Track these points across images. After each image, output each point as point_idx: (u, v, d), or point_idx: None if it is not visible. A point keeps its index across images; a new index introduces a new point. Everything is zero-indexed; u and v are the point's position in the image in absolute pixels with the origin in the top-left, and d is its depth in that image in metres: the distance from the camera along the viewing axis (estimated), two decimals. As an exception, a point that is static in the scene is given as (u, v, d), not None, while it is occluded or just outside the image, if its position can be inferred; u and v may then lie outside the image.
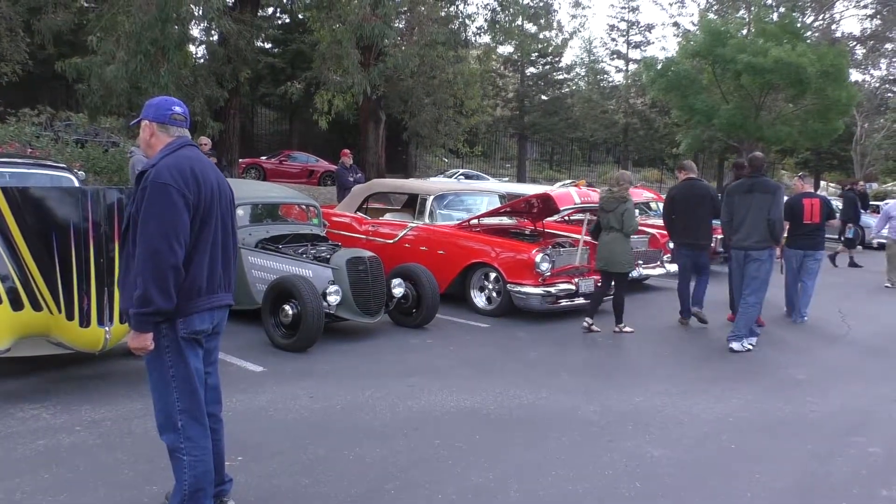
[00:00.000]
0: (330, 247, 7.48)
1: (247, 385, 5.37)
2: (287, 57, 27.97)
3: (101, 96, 12.49)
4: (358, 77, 13.83)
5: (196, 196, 2.95)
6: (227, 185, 3.23)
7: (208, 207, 3.02)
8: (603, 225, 7.70)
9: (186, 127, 3.18)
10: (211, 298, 3.06)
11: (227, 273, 3.18)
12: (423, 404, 5.13)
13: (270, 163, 23.22)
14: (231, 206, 3.23)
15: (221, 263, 3.12)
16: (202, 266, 3.01)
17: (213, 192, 3.05)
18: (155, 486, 3.65)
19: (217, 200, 3.08)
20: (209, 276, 3.05)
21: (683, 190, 8.31)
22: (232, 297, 3.27)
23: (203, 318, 3.05)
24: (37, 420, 4.46)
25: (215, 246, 3.07)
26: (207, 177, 3.04)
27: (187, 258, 2.94)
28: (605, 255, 7.63)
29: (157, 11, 11.03)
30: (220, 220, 3.10)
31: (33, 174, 6.44)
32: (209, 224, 3.03)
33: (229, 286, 3.21)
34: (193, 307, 2.99)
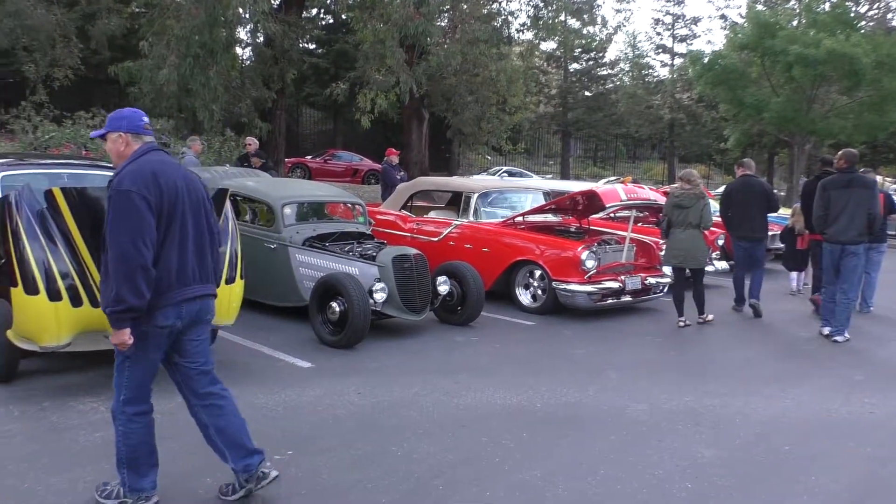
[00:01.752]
0: (376, 245, 7.53)
1: (295, 381, 5.45)
2: (331, 57, 28.28)
3: (151, 99, 12.83)
4: (402, 76, 13.89)
5: (158, 197, 3.12)
6: (197, 184, 3.40)
7: (172, 207, 3.18)
8: (678, 221, 7.76)
9: (153, 135, 3.44)
10: (182, 291, 3.23)
11: (204, 265, 3.37)
12: (469, 402, 5.14)
13: (315, 162, 23.51)
14: (204, 203, 3.41)
15: (196, 257, 3.30)
16: (170, 263, 3.19)
17: (177, 192, 3.21)
18: (209, 477, 3.73)
19: (184, 198, 3.24)
20: (179, 271, 3.22)
21: (740, 185, 8.68)
22: (211, 288, 3.46)
23: (167, 315, 3.20)
24: (95, 413, 4.60)
25: (184, 241, 3.24)
26: (170, 178, 3.20)
27: (155, 257, 3.11)
28: (682, 251, 7.72)
29: (205, 15, 11.27)
30: (190, 216, 3.27)
31: (89, 175, 6.62)
32: (175, 222, 3.19)
33: (207, 278, 3.40)
34: (162, 301, 3.17)
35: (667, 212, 7.94)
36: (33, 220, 4.74)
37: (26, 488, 3.56)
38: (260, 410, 4.77)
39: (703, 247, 7.85)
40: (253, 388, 5.21)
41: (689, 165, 40.62)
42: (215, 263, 3.51)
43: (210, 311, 3.49)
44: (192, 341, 3.41)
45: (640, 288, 8.41)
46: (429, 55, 16.22)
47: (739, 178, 8.80)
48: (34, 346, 4.77)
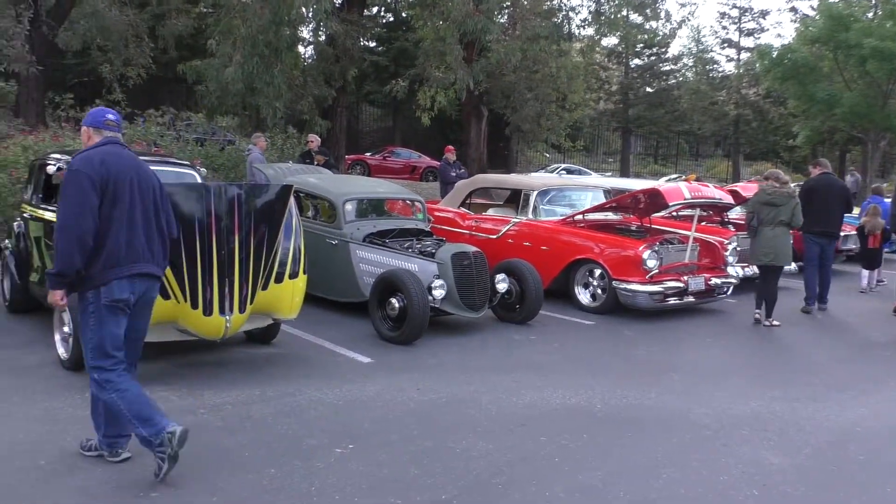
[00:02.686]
0: (435, 241, 7.56)
1: (355, 375, 5.52)
2: (391, 55, 28.51)
3: (217, 97, 13.16)
4: (461, 73, 13.90)
5: (103, 179, 3.48)
6: (149, 175, 3.76)
7: (117, 189, 3.52)
8: (768, 220, 7.73)
9: (118, 131, 3.80)
10: (131, 267, 3.56)
11: (151, 246, 3.68)
12: (528, 400, 5.11)
13: (374, 159, 23.74)
14: (156, 191, 3.77)
15: (144, 238, 3.63)
16: (118, 240, 3.52)
17: (124, 178, 3.56)
18: (273, 468, 3.81)
19: (133, 185, 3.59)
20: (127, 249, 3.54)
21: (821, 182, 8.67)
22: (158, 269, 3.77)
23: (122, 287, 3.53)
24: (165, 402, 4.74)
25: (133, 223, 3.58)
26: (118, 165, 3.58)
27: (102, 234, 3.48)
28: (771, 249, 7.72)
29: (270, 15, 11.49)
30: (138, 202, 3.62)
31: (160, 171, 6.81)
32: (120, 204, 3.52)
33: (153, 258, 3.70)
34: (113, 275, 3.50)
35: (755, 210, 7.89)
36: (109, 215, 4.93)
37: (101, 473, 3.70)
38: (321, 404, 4.85)
39: (789, 244, 7.86)
40: (315, 381, 5.30)
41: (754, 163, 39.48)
42: (164, 249, 3.81)
43: (153, 291, 3.80)
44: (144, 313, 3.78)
45: (704, 289, 8.21)
46: (488, 52, 16.16)
47: (819, 176, 8.76)
48: (108, 335, 4.96)
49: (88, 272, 3.48)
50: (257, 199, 5.13)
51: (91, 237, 3.43)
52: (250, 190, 5.16)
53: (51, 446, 3.99)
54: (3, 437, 4.08)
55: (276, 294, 5.51)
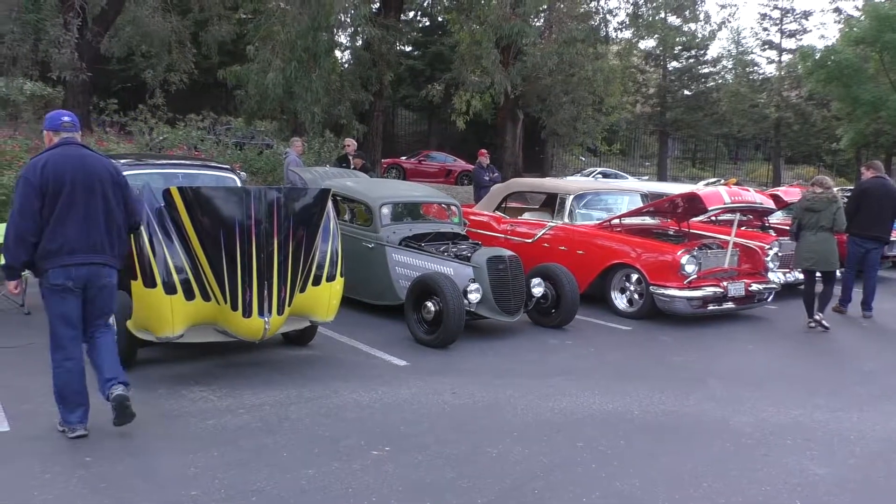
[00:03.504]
0: (470, 245, 7.56)
1: (391, 378, 5.55)
2: (427, 59, 28.65)
3: (256, 101, 13.36)
4: (497, 76, 13.89)
5: (43, 183, 3.90)
6: (97, 172, 4.07)
7: (58, 190, 3.92)
8: (809, 225, 7.76)
9: (74, 131, 4.18)
10: (70, 257, 3.97)
11: (93, 238, 4.04)
12: (564, 406, 5.08)
13: (410, 162, 23.84)
14: (105, 186, 4.09)
15: (86, 230, 4.01)
16: (55, 234, 3.94)
17: (65, 178, 3.94)
18: (311, 469, 3.85)
19: (76, 183, 3.96)
20: (63, 242, 3.95)
21: (875, 185, 8.55)
22: (100, 258, 4.09)
23: (57, 274, 3.98)
24: (205, 401, 4.84)
25: (71, 218, 3.96)
26: (62, 166, 3.96)
27: (42, 230, 3.93)
28: (814, 254, 7.73)
29: (309, 21, 11.64)
30: (81, 198, 3.98)
31: (201, 174, 6.97)
32: (59, 202, 3.92)
33: (96, 249, 4.06)
34: (49, 265, 3.97)
35: (797, 215, 7.89)
36: (152, 218, 5.05)
37: (145, 469, 3.78)
38: (358, 406, 4.89)
39: (834, 250, 7.78)
40: (351, 383, 5.34)
41: (796, 167, 38.70)
42: (113, 239, 4.16)
43: (102, 278, 4.14)
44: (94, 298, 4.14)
45: (744, 295, 8.06)
46: (524, 56, 16.14)
47: (873, 179, 8.62)
48: (151, 336, 5.08)
49: (36, 263, 4.00)
50: (296, 203, 5.19)
51: (32, 235, 3.92)
52: (289, 193, 5.23)
53: (95, 442, 4.09)
54: (49, 436, 4.18)
55: (314, 296, 5.57)
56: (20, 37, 14.67)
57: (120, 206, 4.20)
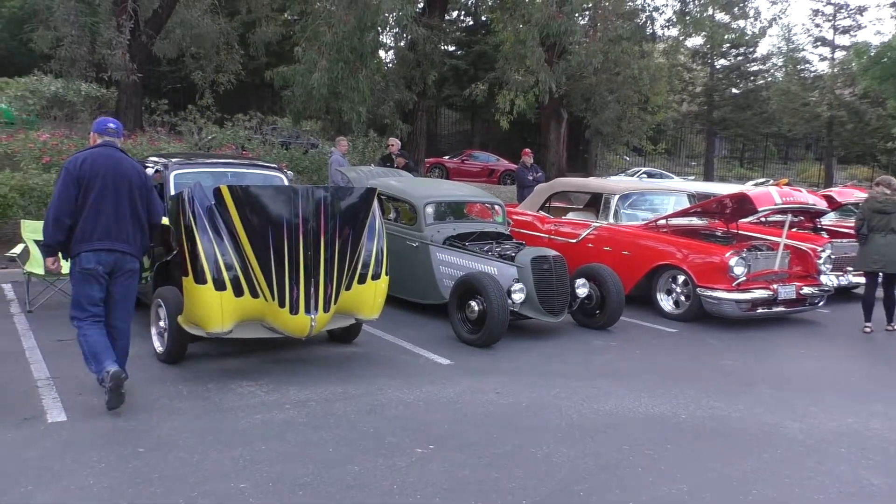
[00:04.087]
0: (514, 245, 7.54)
1: (435, 377, 5.56)
2: (470, 58, 28.64)
3: (303, 101, 13.52)
4: (542, 75, 13.81)
5: (81, 174, 4.41)
6: (127, 173, 4.58)
7: (91, 183, 4.42)
8: (878, 227, 7.63)
9: (116, 136, 4.73)
10: (98, 243, 4.44)
11: (121, 229, 4.53)
12: (609, 408, 5.03)
13: (453, 162, 23.88)
14: (132, 186, 4.60)
15: (114, 221, 4.49)
16: (88, 222, 4.42)
17: (99, 174, 4.44)
18: (356, 465, 3.88)
19: (107, 179, 4.47)
20: (94, 229, 4.43)
21: None
22: (126, 246, 4.56)
23: (89, 258, 4.44)
24: (253, 396, 4.92)
25: (103, 210, 4.45)
26: (99, 164, 4.48)
27: (77, 216, 4.42)
28: (882, 257, 7.60)
29: (355, 21, 11.73)
30: (111, 194, 4.48)
31: (249, 173, 7.09)
32: (91, 194, 4.42)
33: (122, 237, 4.54)
34: (80, 249, 4.44)
35: (865, 216, 7.70)
36: (203, 216, 5.15)
37: (195, 461, 3.86)
38: (402, 403, 4.92)
39: None
40: (395, 381, 5.37)
41: (849, 167, 37.60)
42: (136, 231, 4.64)
43: (127, 264, 4.60)
44: (120, 283, 4.60)
45: (795, 298, 7.87)
46: (569, 54, 16.02)
47: None
48: (201, 331, 5.18)
49: (70, 245, 4.47)
50: (342, 202, 5.24)
51: (67, 218, 4.42)
52: (336, 192, 5.28)
53: (148, 433, 4.20)
54: (104, 426, 4.31)
55: (359, 294, 5.62)
56: (77, 40, 15.14)
57: (144, 206, 4.69)
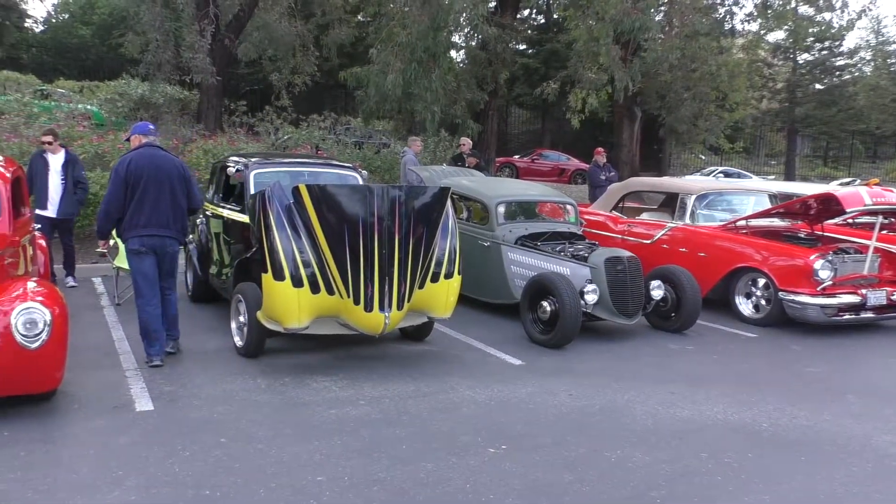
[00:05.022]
0: (587, 245, 7.44)
1: (507, 377, 5.55)
2: (541, 57, 28.40)
3: (376, 102, 13.70)
4: (616, 73, 13.57)
5: (128, 174, 5.24)
6: (167, 169, 5.37)
7: (136, 181, 5.25)
8: None
9: (155, 136, 5.69)
10: (144, 230, 5.29)
11: (162, 216, 5.33)
12: (686, 414, 4.90)
13: (523, 161, 23.74)
14: (172, 180, 5.37)
15: (155, 211, 5.30)
16: (135, 213, 5.27)
17: (143, 172, 5.26)
18: (430, 463, 3.91)
19: (149, 176, 5.27)
20: (140, 218, 5.28)
21: None
22: (166, 231, 5.37)
23: (134, 241, 5.32)
24: (328, 391, 5.02)
25: (146, 203, 5.27)
26: (142, 163, 5.29)
27: (126, 208, 5.27)
28: None
29: (429, 21, 11.81)
30: (152, 188, 5.28)
31: (325, 172, 7.22)
32: (138, 190, 5.25)
33: (164, 225, 5.36)
34: (130, 235, 5.33)
35: None
36: (282, 214, 5.30)
37: (274, 453, 3.97)
38: (474, 403, 4.92)
39: None
40: (467, 380, 5.39)
41: (944, 166, 35.44)
42: (177, 219, 5.44)
43: (168, 246, 5.43)
44: (165, 262, 5.48)
45: (886, 304, 7.48)
46: (643, 51, 15.69)
47: None
48: (279, 326, 5.32)
49: (122, 234, 5.40)
50: (417, 201, 5.29)
51: (116, 213, 5.31)
52: (410, 192, 5.33)
53: (229, 424, 4.34)
54: (188, 416, 4.48)
55: (432, 293, 5.66)
56: (162, 44, 15.77)
57: (183, 194, 5.46)
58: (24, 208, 5.83)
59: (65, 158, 7.92)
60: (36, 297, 4.36)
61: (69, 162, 7.92)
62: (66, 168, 7.85)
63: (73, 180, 7.87)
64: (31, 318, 4.19)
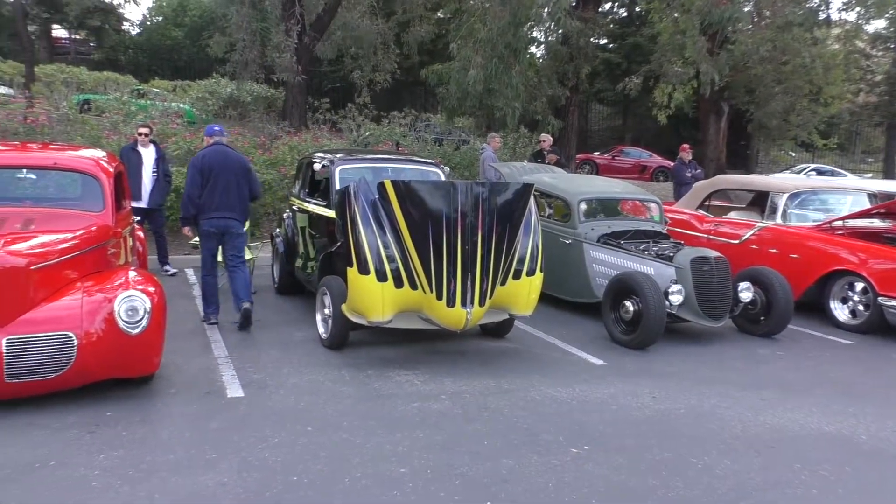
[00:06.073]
0: (672, 245, 7.25)
1: (588, 377, 5.48)
2: (623, 51, 27.84)
3: (458, 99, 13.74)
4: (703, 66, 13.15)
5: (203, 166, 6.21)
6: (233, 163, 6.31)
7: (209, 172, 6.19)
8: None
9: (222, 136, 6.63)
10: (214, 213, 6.23)
11: (229, 203, 6.25)
12: (777, 422, 4.71)
13: (603, 158, 23.36)
14: (237, 173, 6.30)
15: (224, 198, 6.22)
16: (208, 199, 6.20)
17: (214, 165, 6.20)
18: (510, 459, 3.91)
19: (219, 169, 6.21)
20: (211, 204, 6.20)
21: None
22: (231, 214, 6.29)
23: (205, 224, 6.27)
24: (410, 385, 5.08)
25: (216, 191, 6.19)
26: (214, 159, 6.25)
27: (201, 195, 6.19)
28: None
29: (510, 17, 11.76)
30: (221, 179, 6.21)
31: (407, 168, 7.30)
32: (211, 180, 6.18)
33: (230, 209, 6.27)
34: (203, 217, 6.26)
35: None
36: (367, 209, 5.39)
37: (358, 443, 4.05)
38: (555, 401, 4.88)
39: None
40: (548, 378, 5.35)
41: None
42: (240, 204, 6.34)
43: (232, 227, 6.31)
44: (229, 241, 6.38)
45: None
46: (731, 43, 15.15)
47: None
48: (362, 319, 5.42)
49: (197, 217, 6.27)
50: (500, 197, 5.29)
51: (196, 198, 6.20)
52: (493, 188, 5.33)
53: (315, 414, 4.46)
54: (276, 404, 4.62)
55: (514, 290, 5.65)
56: (249, 44, 16.29)
57: (245, 184, 6.37)
58: (125, 201, 6.16)
59: (156, 154, 8.39)
60: (137, 285, 4.59)
61: (160, 157, 8.41)
62: (157, 163, 8.32)
63: (163, 173, 8.35)
64: (133, 306, 4.41)
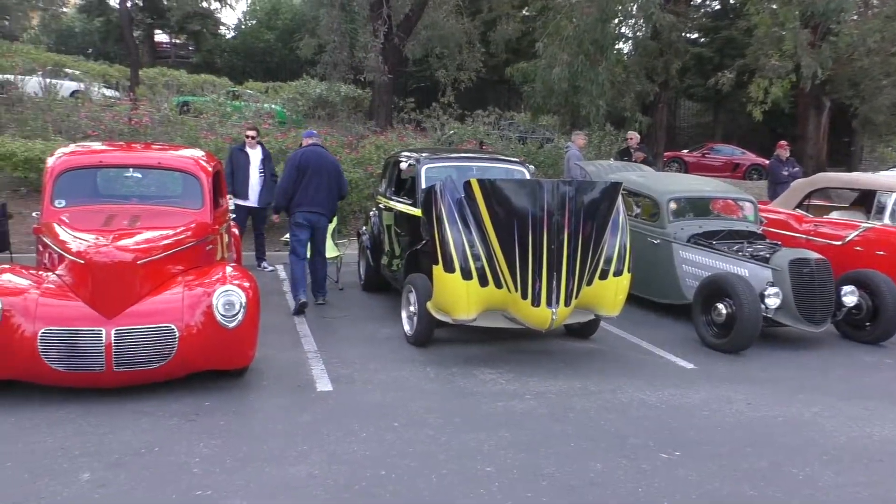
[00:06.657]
0: (768, 245, 6.95)
1: (679, 381, 5.32)
2: (715, 45, 26.84)
3: (543, 96, 13.60)
4: (804, 59, 12.52)
5: (299, 164, 6.76)
6: (327, 163, 6.90)
7: (305, 170, 6.74)
8: None
9: (317, 139, 7.37)
10: (306, 207, 6.77)
11: (319, 199, 6.82)
12: (886, 434, 4.44)
13: (692, 156, 22.62)
14: (329, 172, 6.88)
15: (314, 194, 6.78)
16: (302, 194, 6.76)
17: (309, 164, 6.76)
18: (598, 462, 3.84)
19: (313, 168, 6.76)
20: (304, 199, 6.76)
21: None
22: (322, 209, 6.85)
23: (299, 216, 6.80)
24: (494, 384, 5.07)
25: (310, 187, 6.75)
26: (309, 157, 6.82)
27: (295, 190, 6.76)
28: None
29: (597, 12, 11.56)
30: (314, 176, 6.76)
31: (492, 167, 7.28)
32: (306, 177, 6.74)
33: (320, 205, 6.83)
34: (296, 210, 6.80)
35: None
36: (453, 208, 5.41)
37: (444, 440, 4.08)
38: (644, 405, 4.77)
39: None
40: (635, 381, 5.23)
41: None
42: (329, 201, 6.92)
43: (321, 221, 6.89)
44: (318, 233, 6.93)
45: None
46: (834, 34, 14.36)
47: None
48: (447, 317, 5.45)
49: (291, 209, 6.83)
50: (586, 196, 5.20)
51: (290, 192, 6.77)
52: (580, 187, 5.25)
53: (401, 410, 4.51)
54: (363, 399, 4.71)
55: (600, 290, 5.55)
56: (339, 45, 16.65)
57: (336, 184, 6.95)
58: (222, 199, 6.41)
59: (263, 154, 8.71)
60: (233, 280, 4.77)
61: (267, 157, 8.72)
62: (264, 163, 8.64)
63: (269, 173, 8.65)
64: (230, 300, 4.58)
